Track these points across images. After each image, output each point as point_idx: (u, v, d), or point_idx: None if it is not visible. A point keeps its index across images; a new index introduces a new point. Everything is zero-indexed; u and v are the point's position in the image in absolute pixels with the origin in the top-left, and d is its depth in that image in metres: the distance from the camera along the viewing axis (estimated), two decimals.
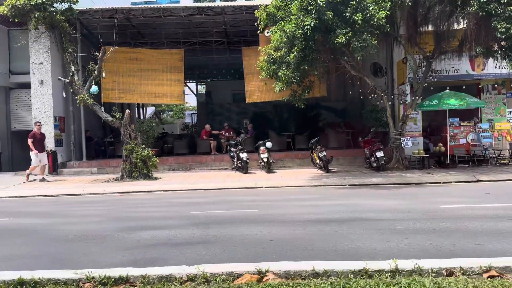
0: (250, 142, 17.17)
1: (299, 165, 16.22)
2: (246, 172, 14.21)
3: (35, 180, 13.54)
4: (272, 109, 24.39)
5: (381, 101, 13.78)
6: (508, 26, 9.93)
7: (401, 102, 15.16)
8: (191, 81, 28.76)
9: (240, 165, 14.43)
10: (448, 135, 15.44)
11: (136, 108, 30.43)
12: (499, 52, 11.32)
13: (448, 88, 15.24)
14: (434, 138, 16.73)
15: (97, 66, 13.20)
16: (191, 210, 7.70)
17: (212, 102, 27.83)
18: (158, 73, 16.93)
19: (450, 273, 3.36)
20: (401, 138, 13.90)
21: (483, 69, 14.72)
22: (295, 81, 11.64)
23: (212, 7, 16.75)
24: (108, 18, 16.22)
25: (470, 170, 12.89)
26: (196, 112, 32.09)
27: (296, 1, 9.74)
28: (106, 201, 9.91)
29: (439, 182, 11.33)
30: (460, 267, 3.48)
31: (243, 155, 14.11)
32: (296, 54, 10.38)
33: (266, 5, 11.15)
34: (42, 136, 13.96)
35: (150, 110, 47.94)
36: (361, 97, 15.39)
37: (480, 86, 15.69)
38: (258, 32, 11.26)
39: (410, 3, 10.61)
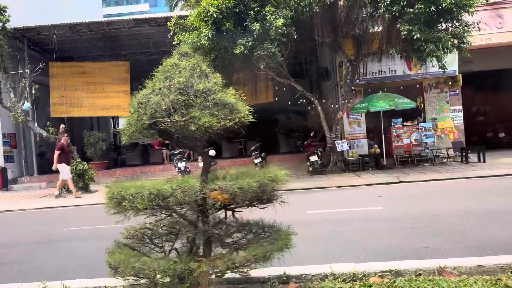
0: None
1: None
2: None
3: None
4: (263, 113, 24.23)
5: (312, 106, 13.80)
6: (410, 28, 9.94)
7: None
8: None
9: (179, 174, 14.50)
10: (391, 135, 15.53)
11: (112, 119, 30.72)
12: (411, 53, 11.31)
13: (385, 89, 15.32)
14: (381, 139, 16.75)
15: (27, 83, 13.37)
16: (69, 227, 7.82)
17: None
18: (105, 85, 17.12)
19: None
20: (336, 142, 13.91)
21: (420, 69, 14.69)
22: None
23: (156, 18, 16.90)
24: (52, 34, 16.42)
25: (401, 171, 12.87)
26: None
27: (196, 13, 9.86)
28: (15, 217, 10.07)
29: (361, 185, 11.34)
30: (105, 286, 3.57)
31: (181, 165, 14.18)
32: (209, 63, 10.44)
33: (180, 16, 11.26)
34: (69, 148, 13.28)
35: None
36: (289, 102, 15.42)
37: (419, 86, 15.71)
38: (174, 43, 11.35)
39: (317, 9, 10.67)
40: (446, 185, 10.39)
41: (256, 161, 13.76)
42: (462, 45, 11.23)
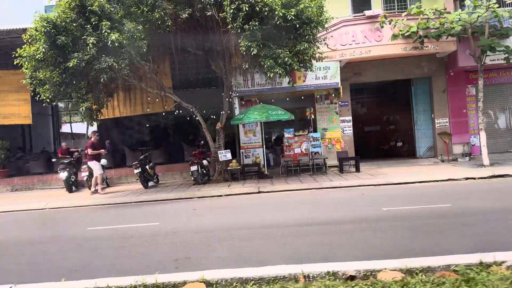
0: (109, 158, 17.25)
1: None
2: (70, 191, 14.36)
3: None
4: (172, 122, 24.30)
5: (194, 116, 14.00)
6: (249, 44, 10.22)
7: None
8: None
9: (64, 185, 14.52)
10: (284, 145, 15.85)
11: (53, 126, 30.36)
12: (258, 68, 11.60)
13: (272, 100, 15.65)
14: (280, 149, 17.07)
15: None
16: None
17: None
18: (5, 94, 17.02)
19: None
20: (218, 151, 14.11)
21: (304, 81, 15.04)
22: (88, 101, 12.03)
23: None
24: None
25: (274, 181, 13.13)
26: None
27: (34, 26, 9.99)
28: None
29: (221, 195, 11.53)
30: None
31: (63, 174, 14.20)
32: (58, 75, 10.56)
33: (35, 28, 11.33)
34: (99, 146, 13.82)
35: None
36: (164, 113, 15.61)
37: (312, 97, 16.08)
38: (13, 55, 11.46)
39: (169, 23, 10.90)
40: (292, 195, 10.64)
41: (136, 171, 13.85)
42: (313, 60, 11.53)
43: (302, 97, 15.67)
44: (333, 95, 15.78)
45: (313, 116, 16.03)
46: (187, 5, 11.27)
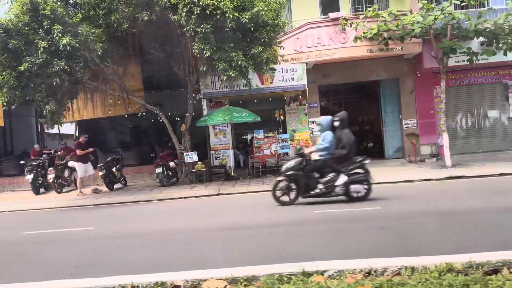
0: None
1: None
2: (37, 194, 14.43)
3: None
4: (149, 123, 24.28)
5: (158, 118, 14.05)
6: (202, 46, 10.28)
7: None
8: None
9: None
10: (253, 146, 15.93)
11: (37, 125, 30.24)
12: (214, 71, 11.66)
13: (240, 102, 15.72)
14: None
15: None
16: None
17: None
18: None
19: None
20: (184, 153, 14.16)
21: (271, 83, 15.10)
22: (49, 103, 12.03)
23: None
24: None
25: (238, 182, 13.23)
26: None
27: None
28: None
29: (180, 197, 11.60)
30: None
31: (29, 177, 14.24)
32: (15, 78, 10.60)
33: None
34: (87, 146, 13.81)
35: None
36: (126, 115, 15.68)
37: (281, 98, 16.14)
38: None
39: (125, 26, 10.96)
40: (249, 197, 10.70)
41: (100, 173, 13.90)
42: (272, 64, 11.62)
43: (270, 99, 15.71)
44: (301, 96, 15.86)
45: (282, 118, 16.13)
46: (145, 8, 11.33)
